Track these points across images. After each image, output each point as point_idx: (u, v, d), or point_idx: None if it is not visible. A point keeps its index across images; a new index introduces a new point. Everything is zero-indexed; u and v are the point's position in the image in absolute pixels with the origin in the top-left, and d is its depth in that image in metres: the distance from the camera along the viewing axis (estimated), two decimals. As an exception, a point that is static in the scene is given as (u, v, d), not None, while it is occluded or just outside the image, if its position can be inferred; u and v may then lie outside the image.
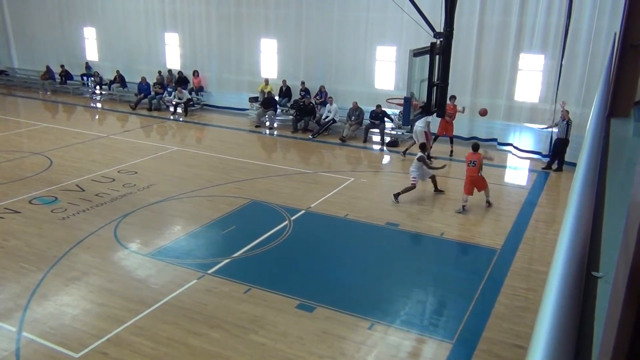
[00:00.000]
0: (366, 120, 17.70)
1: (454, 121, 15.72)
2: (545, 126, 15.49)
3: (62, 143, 16.38)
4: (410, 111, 10.35)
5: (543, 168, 15.00)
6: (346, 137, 17.50)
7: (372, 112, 17.50)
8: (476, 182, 11.59)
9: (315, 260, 9.50)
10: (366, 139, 17.56)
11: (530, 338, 1.34)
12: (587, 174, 2.58)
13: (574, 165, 13.41)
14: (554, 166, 14.77)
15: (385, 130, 17.50)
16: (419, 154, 12.18)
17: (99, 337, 6.98)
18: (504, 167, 15.39)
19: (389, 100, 16.96)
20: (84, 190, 12.29)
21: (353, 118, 17.74)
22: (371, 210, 11.63)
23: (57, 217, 10.81)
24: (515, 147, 16.44)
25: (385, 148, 17.04)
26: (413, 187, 12.06)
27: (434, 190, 12.59)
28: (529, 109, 16.30)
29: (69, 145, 16.12)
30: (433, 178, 12.47)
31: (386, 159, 16.51)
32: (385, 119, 17.47)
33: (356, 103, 17.81)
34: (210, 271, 8.77)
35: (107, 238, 9.95)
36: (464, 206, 11.49)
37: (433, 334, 7.25)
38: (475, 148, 11.68)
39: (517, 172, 15.23)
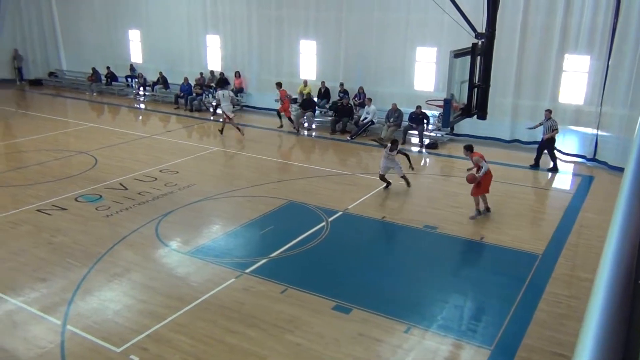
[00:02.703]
0: (405, 122, 17.57)
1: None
2: (532, 126, 15.32)
3: (107, 142, 16.86)
4: (450, 113, 10.23)
5: (531, 165, 14.87)
6: (385, 139, 17.39)
7: (411, 113, 17.36)
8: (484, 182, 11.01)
9: (352, 262, 9.48)
10: (405, 141, 17.42)
11: (574, 347, 1.30)
12: (635, 178, 2.50)
13: (621, 170, 13.00)
14: (539, 164, 14.77)
15: (425, 132, 17.33)
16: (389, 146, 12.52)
17: (140, 333, 7.15)
18: (547, 170, 15.02)
19: (429, 102, 16.78)
20: (127, 189, 12.61)
21: (392, 120, 17.63)
22: (409, 212, 11.53)
23: (102, 214, 11.13)
24: (559, 151, 16.02)
25: (424, 150, 16.88)
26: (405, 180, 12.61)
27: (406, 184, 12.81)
28: (573, 111, 15.86)
29: (113, 145, 16.58)
30: (404, 178, 12.68)
31: (426, 160, 16.34)
32: (425, 120, 17.30)
33: (395, 105, 17.69)
34: (248, 270, 8.87)
35: (149, 236, 10.19)
36: (481, 211, 11.20)
37: (471, 340, 7.13)
38: (471, 149, 11.29)
39: (560, 176, 14.83)
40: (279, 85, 19.80)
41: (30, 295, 8.06)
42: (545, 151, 14.72)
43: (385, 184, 12.79)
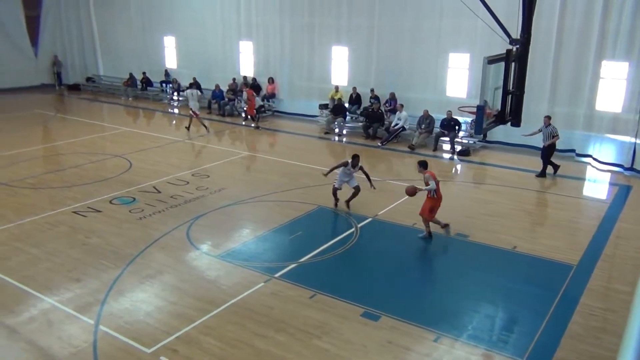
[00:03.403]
0: (437, 129, 17.42)
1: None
2: (528, 134, 15.03)
3: (141, 146, 17.20)
4: (483, 120, 10.08)
5: (537, 175, 14.56)
6: (416, 145, 17.29)
7: (443, 120, 17.21)
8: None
9: (382, 268, 9.42)
10: (436, 148, 17.28)
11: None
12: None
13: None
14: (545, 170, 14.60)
15: (457, 139, 17.15)
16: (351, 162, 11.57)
17: (170, 334, 7.24)
18: (583, 179, 14.69)
19: (461, 109, 16.62)
20: (160, 192, 12.82)
21: (423, 126, 17.51)
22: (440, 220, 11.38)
23: (135, 217, 11.34)
24: (595, 159, 15.65)
25: (456, 157, 16.69)
26: (357, 190, 11.58)
27: (346, 200, 11.77)
28: (611, 119, 15.47)
29: (147, 149, 16.90)
30: (356, 189, 11.65)
31: (457, 168, 16.15)
32: (456, 127, 17.13)
33: (427, 111, 17.58)
34: (277, 275, 8.90)
35: (180, 238, 10.33)
36: (445, 225, 10.48)
37: (502, 351, 7.00)
38: (424, 165, 10.64)
39: (596, 185, 14.47)
40: (246, 85, 21.97)
41: (65, 295, 8.25)
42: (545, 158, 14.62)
43: (335, 201, 11.92)
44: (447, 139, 17.16)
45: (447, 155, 16.91)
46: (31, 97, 26.19)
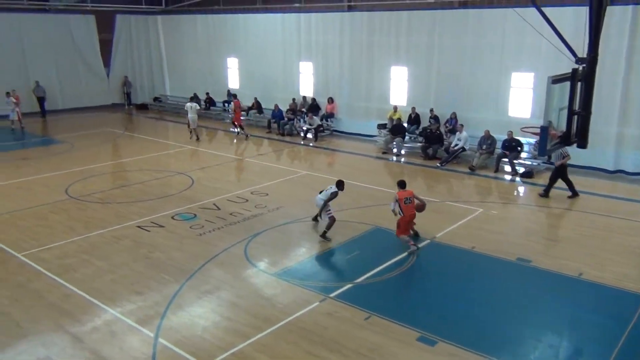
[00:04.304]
0: (498, 150, 16.99)
1: None
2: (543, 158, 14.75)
3: (203, 164, 17.70)
4: (547, 141, 9.76)
5: (540, 195, 14.15)
6: (476, 166, 16.92)
7: (504, 141, 16.78)
8: (413, 218, 10.81)
9: (439, 292, 9.22)
10: (497, 169, 16.84)
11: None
12: None
13: None
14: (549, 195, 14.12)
15: (520, 160, 16.65)
16: (334, 188, 11.35)
17: (225, 350, 7.33)
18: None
19: (524, 129, 16.17)
20: (219, 209, 13.11)
21: (484, 147, 17.13)
22: (501, 244, 11.07)
23: (195, 232, 11.63)
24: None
25: (518, 179, 16.20)
26: (333, 220, 11.29)
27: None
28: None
29: (209, 167, 17.36)
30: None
31: (519, 190, 15.66)
32: (518, 148, 16.65)
33: (488, 131, 17.20)
34: (332, 295, 8.87)
35: (238, 255, 10.50)
36: (414, 245, 10.61)
37: (566, 383, 6.66)
38: (404, 185, 10.95)
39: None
40: (234, 96, 23.66)
41: (127, 306, 8.54)
42: (560, 179, 14.14)
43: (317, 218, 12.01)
44: (508, 159, 16.69)
45: (508, 177, 16.43)
46: (102, 116, 27.55)
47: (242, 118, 23.26)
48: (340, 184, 11.50)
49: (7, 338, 7.74)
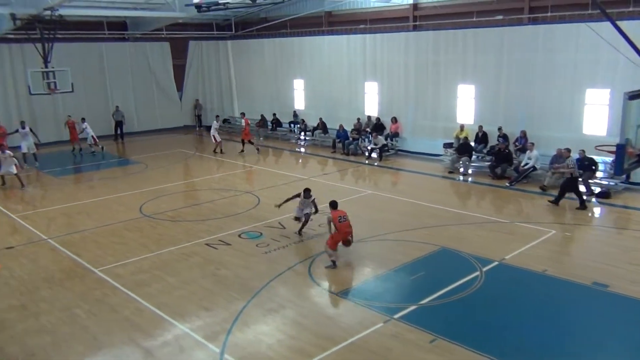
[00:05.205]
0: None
1: None
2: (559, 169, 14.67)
3: (269, 183, 18.04)
4: (624, 159, 9.31)
5: (550, 201, 14.57)
6: (548, 186, 16.28)
7: (577, 159, 16.07)
8: (348, 235, 11.06)
9: (509, 316, 8.88)
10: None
11: None
12: None
13: None
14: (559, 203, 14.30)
15: (595, 180, 15.88)
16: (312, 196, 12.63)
17: (289, 369, 7.37)
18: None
19: (598, 147, 15.46)
20: (285, 228, 13.29)
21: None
22: (575, 267, 10.57)
23: (261, 251, 11.84)
24: None
25: (594, 199, 15.44)
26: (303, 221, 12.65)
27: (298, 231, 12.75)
28: None
29: (275, 186, 17.67)
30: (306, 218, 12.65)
31: (594, 211, 14.91)
32: (592, 167, 15.87)
33: (561, 150, 16.52)
34: (396, 316, 8.75)
35: (302, 274, 10.58)
36: (334, 261, 10.79)
37: (649, 418, 6.22)
38: (336, 205, 11.44)
39: None
40: (242, 114, 25.79)
41: (195, 322, 8.78)
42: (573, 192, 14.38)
43: (300, 227, 12.85)
44: (582, 179, 15.94)
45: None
46: (175, 137, 28.74)
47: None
48: (305, 190, 12.83)
49: (85, 349, 8.14)
